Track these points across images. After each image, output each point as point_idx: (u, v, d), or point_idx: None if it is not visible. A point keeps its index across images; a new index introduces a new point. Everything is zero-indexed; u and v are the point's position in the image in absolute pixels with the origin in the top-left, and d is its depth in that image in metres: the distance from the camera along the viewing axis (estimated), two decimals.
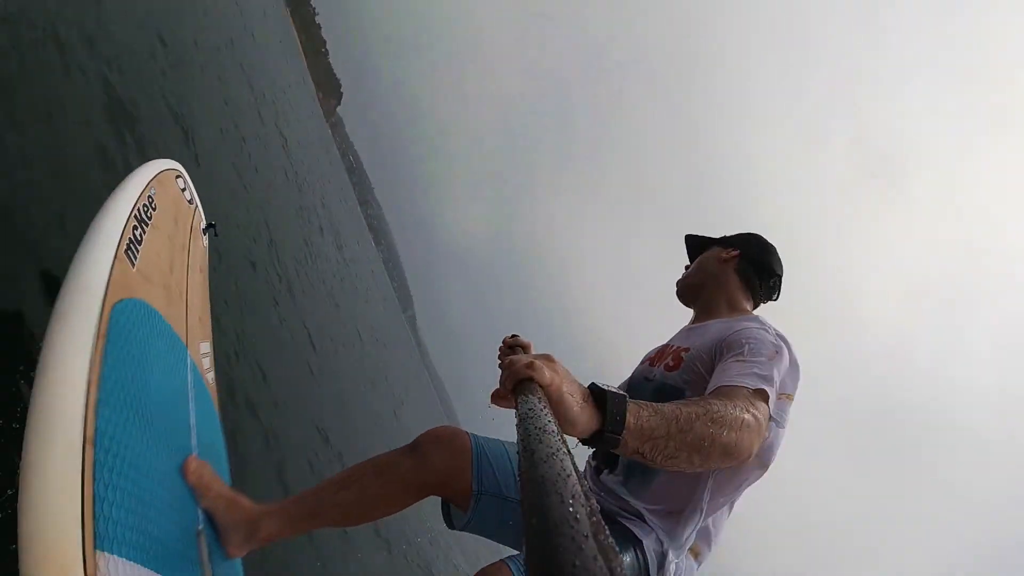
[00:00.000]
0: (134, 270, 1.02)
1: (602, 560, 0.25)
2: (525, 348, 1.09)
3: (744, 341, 0.89)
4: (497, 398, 0.67)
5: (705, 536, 0.95)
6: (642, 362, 1.16)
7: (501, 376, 0.62)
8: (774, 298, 1.19)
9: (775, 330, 0.94)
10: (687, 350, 1.01)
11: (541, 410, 0.48)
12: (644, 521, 0.92)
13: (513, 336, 1.14)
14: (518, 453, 0.39)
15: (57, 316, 0.75)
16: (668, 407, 0.65)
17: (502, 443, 1.08)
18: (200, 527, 0.88)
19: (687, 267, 1.25)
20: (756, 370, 0.81)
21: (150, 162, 1.47)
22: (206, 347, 1.59)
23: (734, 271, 1.15)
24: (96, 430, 0.66)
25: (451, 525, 1.05)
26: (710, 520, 0.93)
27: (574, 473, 0.34)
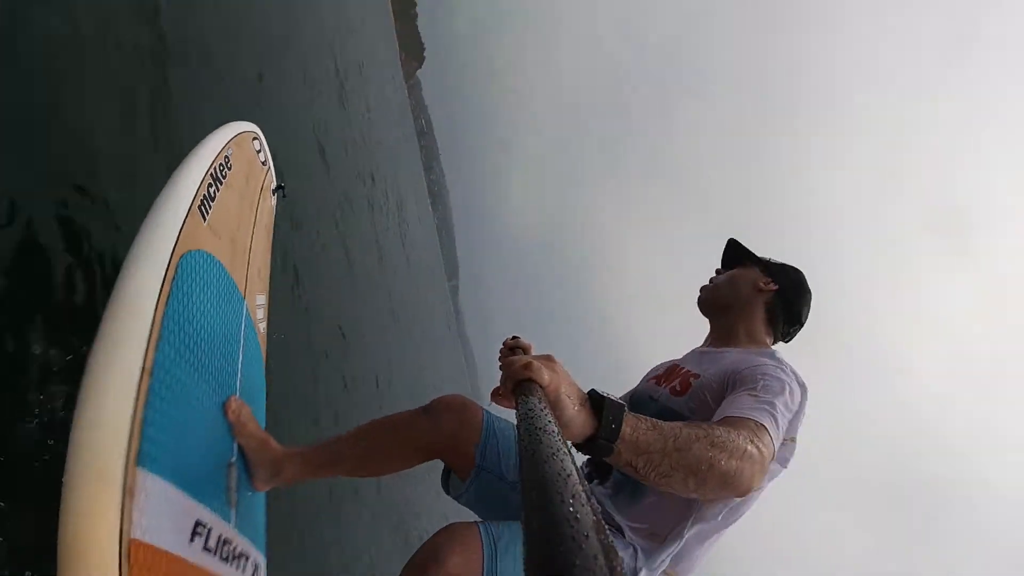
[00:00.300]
0: (205, 225, 1.13)
1: (602, 559, 0.25)
2: (525, 350, 1.10)
3: (759, 377, 0.87)
4: (497, 396, 0.70)
5: (683, 562, 0.93)
6: (647, 379, 1.15)
7: (502, 376, 0.64)
8: (787, 341, 1.16)
9: (792, 369, 0.92)
10: (697, 376, 0.99)
11: (541, 410, 0.49)
12: (623, 536, 0.91)
13: (514, 338, 1.17)
14: (518, 453, 0.41)
15: (130, 261, 0.85)
16: (668, 424, 0.64)
17: (515, 427, 1.11)
18: (232, 459, 0.99)
19: (717, 271, 1.21)
20: (767, 407, 0.79)
21: (230, 123, 1.60)
22: (262, 299, 1.72)
23: (764, 303, 1.11)
24: (155, 362, 0.76)
25: (447, 491, 1.10)
26: (693, 546, 0.92)
27: (575, 473, 0.35)
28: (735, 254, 1.22)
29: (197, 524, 0.75)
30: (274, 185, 2.16)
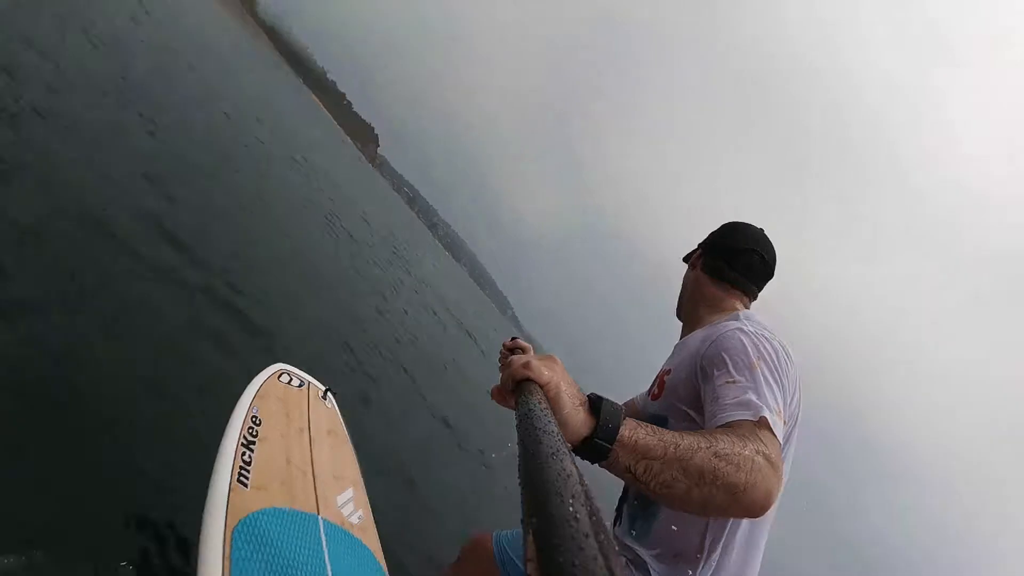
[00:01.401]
0: (248, 490, 1.46)
1: (602, 559, 0.25)
2: (524, 350, 1.10)
3: (723, 355, 0.82)
4: (497, 395, 0.71)
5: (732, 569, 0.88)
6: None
7: (502, 376, 0.64)
8: (760, 283, 1.08)
9: (756, 328, 0.87)
10: (668, 372, 0.99)
11: (541, 410, 0.49)
12: (648, 570, 0.90)
13: (513, 339, 1.18)
14: (518, 453, 0.41)
15: (197, 554, 1.17)
16: (670, 431, 0.62)
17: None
18: None
19: None
20: (751, 395, 0.74)
21: (249, 385, 1.98)
22: (346, 495, 2.01)
23: (702, 271, 1.11)
24: None
25: None
26: (734, 561, 0.88)
27: (575, 473, 0.35)
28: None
29: None
30: (321, 392, 2.53)
